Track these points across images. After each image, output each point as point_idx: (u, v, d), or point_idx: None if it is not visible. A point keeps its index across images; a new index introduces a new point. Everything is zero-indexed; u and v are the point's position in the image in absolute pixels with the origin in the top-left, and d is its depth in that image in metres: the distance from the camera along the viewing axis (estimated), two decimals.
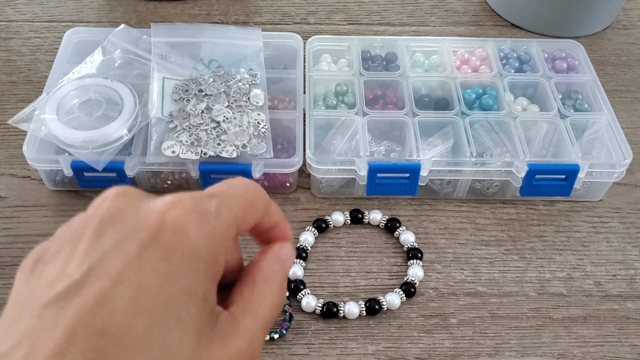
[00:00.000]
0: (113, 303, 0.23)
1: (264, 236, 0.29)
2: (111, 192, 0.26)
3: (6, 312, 0.25)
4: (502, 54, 0.57)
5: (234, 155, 0.46)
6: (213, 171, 0.47)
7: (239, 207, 0.27)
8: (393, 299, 0.44)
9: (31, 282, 0.25)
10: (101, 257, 0.24)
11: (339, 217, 0.48)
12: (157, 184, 0.50)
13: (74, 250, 0.25)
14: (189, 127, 0.47)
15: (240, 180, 0.28)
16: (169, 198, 0.25)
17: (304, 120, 0.50)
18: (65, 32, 0.56)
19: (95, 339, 0.22)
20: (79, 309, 0.23)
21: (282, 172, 0.49)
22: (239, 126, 0.48)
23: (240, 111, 0.49)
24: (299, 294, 0.44)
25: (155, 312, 0.23)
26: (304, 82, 0.53)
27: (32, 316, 0.23)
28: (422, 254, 0.47)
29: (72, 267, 0.24)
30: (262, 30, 0.55)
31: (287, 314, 0.43)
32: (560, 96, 0.53)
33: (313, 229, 0.48)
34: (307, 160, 0.48)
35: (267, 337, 0.42)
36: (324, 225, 0.48)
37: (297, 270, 0.45)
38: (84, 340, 0.22)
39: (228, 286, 0.27)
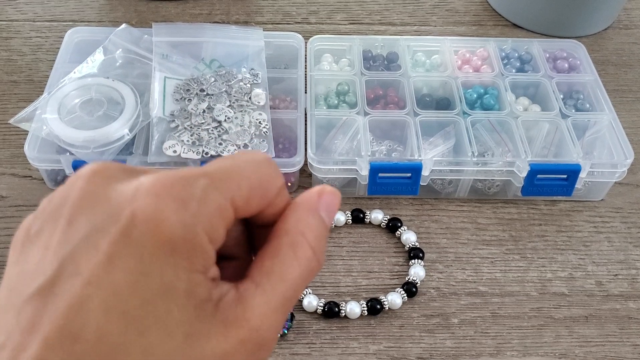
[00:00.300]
0: (85, 306, 0.21)
1: (268, 222, 0.24)
2: (87, 169, 0.23)
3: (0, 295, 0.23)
4: (503, 54, 0.57)
5: None
6: None
7: (240, 188, 0.22)
8: (394, 299, 0.44)
9: (20, 263, 0.23)
10: (72, 251, 0.22)
11: (340, 217, 0.48)
12: None
13: (51, 235, 0.22)
14: (191, 127, 0.47)
15: (251, 155, 0.23)
16: (146, 180, 0.22)
17: (305, 120, 0.50)
18: (66, 32, 0.56)
19: (70, 346, 0.21)
20: (54, 314, 0.21)
21: (283, 172, 0.48)
22: (241, 126, 0.48)
23: (241, 111, 0.49)
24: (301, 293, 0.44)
25: (130, 315, 0.21)
26: (305, 81, 0.53)
27: (14, 313, 0.21)
28: (423, 253, 0.47)
29: (48, 258, 0.22)
30: (264, 30, 0.55)
31: (289, 313, 0.43)
32: (561, 96, 0.53)
33: None
34: (309, 160, 0.48)
35: None
36: None
37: None
38: (60, 347, 0.20)
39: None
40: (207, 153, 0.46)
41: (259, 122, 0.48)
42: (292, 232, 0.22)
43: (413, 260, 0.46)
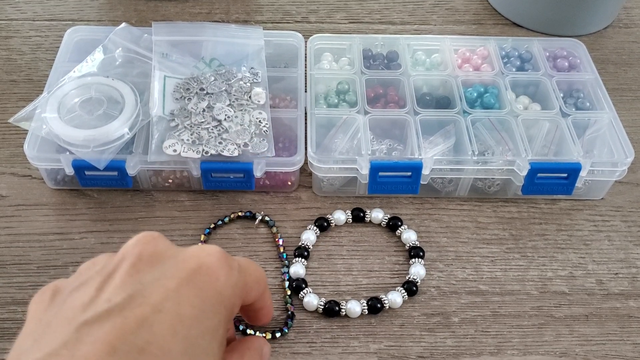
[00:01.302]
0: (153, 327, 0.25)
1: (251, 314, 0.35)
2: (145, 235, 0.29)
3: (27, 334, 0.26)
4: (503, 53, 0.57)
5: (236, 153, 0.46)
6: (214, 170, 0.47)
7: (251, 278, 0.31)
8: (395, 298, 0.44)
9: (54, 309, 0.26)
10: (141, 288, 0.26)
11: (340, 216, 0.48)
12: (158, 182, 0.50)
13: (108, 281, 0.27)
14: (190, 126, 0.47)
15: (251, 261, 0.32)
16: (204, 246, 0.29)
17: (306, 119, 0.50)
18: (66, 31, 0.56)
19: (136, 355, 0.24)
20: (120, 327, 0.24)
21: (283, 171, 0.48)
22: (241, 125, 0.48)
23: (241, 110, 0.49)
24: (301, 292, 0.44)
25: (190, 341, 0.26)
26: (305, 80, 0.53)
27: (68, 332, 0.24)
28: (423, 252, 0.47)
29: (108, 293, 0.26)
30: (263, 29, 0.55)
31: (289, 312, 0.43)
32: (561, 95, 0.53)
33: (315, 227, 0.48)
34: (309, 159, 0.48)
35: (269, 336, 0.42)
36: (325, 224, 0.48)
37: (299, 269, 0.45)
38: (125, 355, 0.24)
39: None
40: (207, 152, 0.46)
41: (259, 121, 0.48)
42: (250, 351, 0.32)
43: (413, 259, 0.46)
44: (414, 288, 0.44)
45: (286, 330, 0.42)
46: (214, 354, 0.27)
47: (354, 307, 0.43)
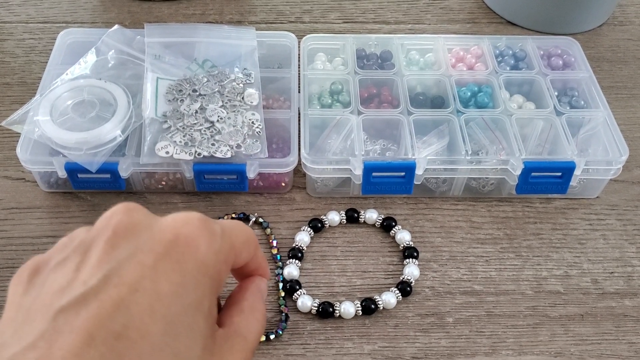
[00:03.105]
0: (130, 309, 0.24)
1: (246, 276, 0.32)
2: (121, 207, 0.27)
3: (7, 321, 0.25)
4: (497, 52, 0.57)
5: (229, 155, 0.46)
6: (207, 171, 0.47)
7: (238, 240, 0.29)
8: (389, 298, 0.44)
9: (33, 292, 0.26)
10: (117, 266, 0.25)
11: (334, 217, 0.48)
12: (151, 184, 0.49)
13: (84, 260, 0.26)
14: (183, 128, 0.47)
15: (238, 222, 0.30)
16: (180, 215, 0.27)
17: (299, 120, 0.50)
18: (59, 33, 0.56)
19: (114, 342, 0.23)
20: (96, 313, 0.23)
21: (277, 172, 0.48)
22: (233, 126, 0.47)
23: (234, 111, 0.48)
24: (295, 294, 0.44)
25: (169, 319, 0.25)
26: (299, 81, 0.53)
27: (45, 320, 0.24)
28: (418, 252, 0.46)
29: (85, 274, 0.25)
30: (257, 29, 0.55)
31: (283, 314, 0.43)
32: (556, 93, 0.53)
33: (309, 228, 0.47)
34: (302, 160, 0.47)
35: (263, 338, 0.42)
36: (319, 225, 0.48)
37: (292, 271, 0.45)
38: (102, 343, 0.23)
39: None
40: (199, 154, 0.46)
41: (252, 122, 0.48)
42: (250, 299, 0.30)
43: (407, 260, 0.46)
44: (408, 288, 0.44)
45: (280, 332, 0.42)
46: (199, 329, 0.26)
47: (348, 308, 0.43)
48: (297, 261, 0.46)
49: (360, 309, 0.43)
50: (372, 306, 0.43)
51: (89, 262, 0.25)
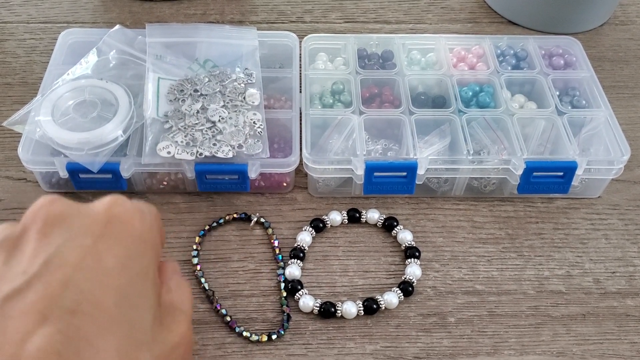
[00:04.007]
0: (79, 285, 0.24)
1: None
2: (43, 200, 0.28)
3: None
4: (498, 51, 0.57)
5: (230, 155, 0.46)
6: (209, 171, 0.47)
7: (158, 217, 0.31)
8: (391, 298, 0.44)
9: None
10: (55, 251, 0.25)
11: (336, 217, 0.48)
12: (153, 184, 0.49)
13: (14, 252, 0.25)
14: (185, 128, 0.47)
15: (147, 205, 0.32)
16: (107, 199, 0.29)
17: (300, 120, 0.50)
18: (60, 33, 0.56)
19: (69, 318, 0.23)
20: (44, 294, 0.23)
21: (278, 172, 0.48)
22: (235, 126, 0.47)
23: (235, 111, 0.48)
24: (297, 294, 0.44)
25: (121, 290, 0.25)
26: (300, 81, 0.53)
27: None
28: (419, 252, 0.46)
29: (21, 266, 0.24)
30: (258, 29, 0.55)
31: (285, 314, 0.43)
32: (557, 93, 0.53)
33: (310, 228, 0.47)
34: (304, 160, 0.47)
35: (265, 338, 0.42)
36: (321, 225, 0.48)
37: (294, 271, 0.45)
38: (57, 319, 0.22)
39: None
40: (201, 154, 0.46)
41: (254, 122, 0.48)
42: (174, 278, 0.31)
43: (409, 260, 0.46)
44: (410, 288, 0.44)
45: (282, 332, 0.42)
46: (149, 296, 0.27)
47: (350, 308, 0.43)
48: (298, 261, 0.46)
49: (362, 309, 0.43)
50: (374, 306, 0.43)
51: (23, 254, 0.25)
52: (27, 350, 0.21)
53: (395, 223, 0.48)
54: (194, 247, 0.46)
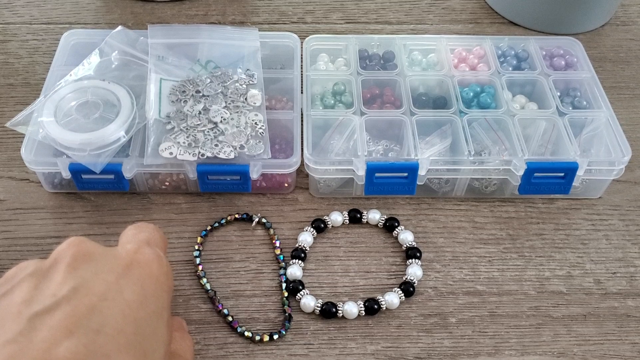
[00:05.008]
0: (103, 312, 0.27)
1: None
2: (73, 240, 0.31)
3: None
4: (499, 52, 0.57)
5: (232, 156, 0.46)
6: (211, 172, 0.47)
7: (164, 249, 0.35)
8: (392, 299, 0.44)
9: None
10: (83, 281, 0.28)
11: (337, 217, 0.48)
12: (155, 185, 0.50)
13: (44, 281, 0.28)
14: (187, 128, 0.47)
15: (150, 226, 0.36)
16: (131, 245, 0.32)
17: (302, 120, 0.50)
18: (62, 34, 0.56)
19: (93, 336, 0.26)
20: (72, 314, 0.25)
21: (280, 173, 0.48)
22: (237, 127, 0.48)
23: (237, 112, 0.49)
24: (298, 294, 0.44)
25: (139, 321, 0.28)
26: (302, 81, 0.53)
27: (21, 323, 0.25)
28: (420, 253, 0.47)
29: (51, 289, 0.27)
30: (260, 30, 0.55)
31: (286, 314, 0.43)
32: (558, 93, 0.53)
33: (311, 229, 0.48)
34: (305, 161, 0.48)
35: (267, 338, 0.42)
36: (322, 225, 0.48)
37: (295, 271, 0.45)
38: (83, 335, 0.25)
39: None
40: (203, 154, 0.46)
41: (255, 123, 0.48)
42: (177, 325, 0.37)
43: (410, 260, 0.46)
44: (411, 289, 0.44)
45: (283, 332, 0.42)
46: (162, 334, 0.30)
47: (351, 308, 0.43)
48: (300, 261, 0.46)
49: (363, 309, 0.43)
50: (375, 306, 0.43)
51: (53, 280, 0.28)
52: (54, 356, 0.24)
53: (396, 223, 0.48)
54: (196, 247, 0.46)
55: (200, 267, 0.45)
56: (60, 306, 0.26)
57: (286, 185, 0.50)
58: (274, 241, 0.47)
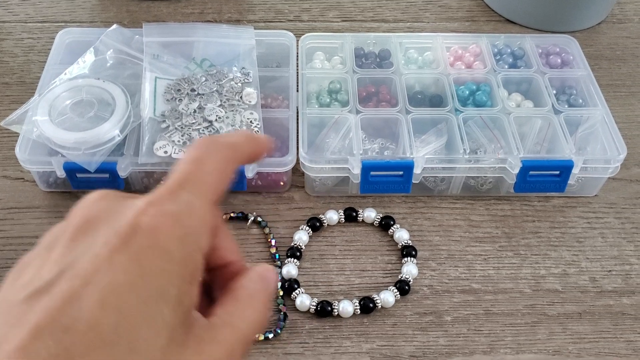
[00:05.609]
0: (80, 301, 0.23)
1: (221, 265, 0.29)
2: (91, 197, 0.26)
3: None
4: (495, 50, 0.57)
5: None
6: None
7: (212, 187, 0.27)
8: (387, 297, 0.44)
9: (12, 285, 0.26)
10: (73, 260, 0.24)
11: (333, 216, 0.48)
12: (150, 184, 0.49)
13: (48, 256, 0.25)
14: (181, 127, 0.47)
15: (210, 142, 0.27)
16: (143, 201, 0.25)
17: (297, 119, 0.50)
18: (57, 33, 0.56)
19: (61, 336, 0.23)
20: (47, 307, 0.23)
21: (275, 171, 0.48)
22: (232, 125, 0.48)
23: (232, 110, 0.49)
24: (293, 293, 0.44)
25: (124, 310, 0.24)
26: (297, 80, 0.53)
27: (6, 313, 0.24)
28: (416, 251, 0.47)
29: (45, 270, 0.25)
30: (256, 28, 0.55)
31: (282, 313, 0.43)
32: (554, 91, 0.53)
33: (307, 227, 0.48)
34: (301, 159, 0.47)
35: (262, 337, 0.42)
36: (318, 224, 0.48)
37: (291, 270, 0.45)
38: (49, 336, 0.23)
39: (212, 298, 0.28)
40: None
41: (250, 122, 0.48)
42: (249, 288, 0.27)
43: (406, 258, 0.46)
44: (407, 287, 0.44)
45: (279, 331, 0.42)
46: (164, 319, 0.24)
47: (347, 307, 0.43)
48: (295, 260, 0.46)
49: (358, 307, 0.43)
50: (371, 305, 0.43)
51: (51, 257, 0.25)
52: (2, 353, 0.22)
53: (391, 222, 0.48)
54: None
55: None
56: (40, 295, 0.24)
57: (282, 183, 0.50)
58: (269, 240, 0.47)
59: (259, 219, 0.48)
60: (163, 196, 0.26)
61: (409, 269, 0.45)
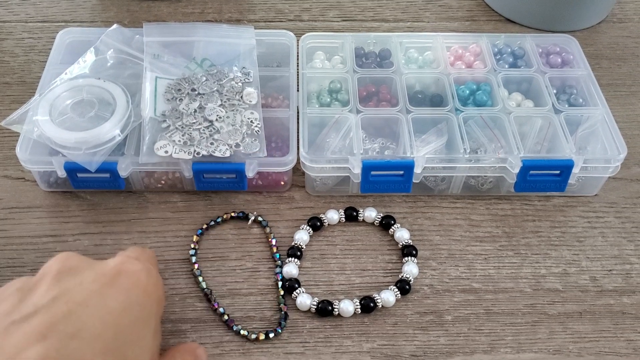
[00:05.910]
0: (81, 318, 0.27)
1: None
2: (60, 255, 0.32)
3: None
4: (496, 49, 0.57)
5: (227, 154, 0.46)
6: (206, 171, 0.47)
7: (155, 265, 0.36)
8: (388, 297, 0.44)
9: None
10: (64, 291, 0.28)
11: (333, 215, 0.48)
12: (150, 183, 0.50)
13: (29, 294, 0.28)
14: (182, 127, 0.47)
15: (140, 248, 0.36)
16: (120, 257, 0.32)
17: (298, 118, 0.50)
18: (58, 33, 0.56)
19: (67, 340, 0.26)
20: (48, 319, 0.26)
21: (276, 171, 0.48)
22: (232, 125, 0.48)
23: (233, 110, 0.49)
24: (294, 292, 0.44)
25: (120, 328, 0.28)
26: (298, 79, 0.53)
27: None
28: (416, 251, 0.47)
29: (33, 300, 0.27)
30: (256, 28, 0.55)
31: (282, 312, 0.43)
32: (554, 91, 0.53)
33: (308, 227, 0.48)
34: (301, 159, 0.47)
35: (263, 336, 0.42)
36: (318, 223, 0.48)
37: (291, 269, 0.45)
38: (56, 340, 0.25)
39: None
40: (198, 153, 0.46)
41: (251, 121, 0.48)
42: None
43: (406, 258, 0.46)
44: (407, 287, 0.44)
45: (279, 331, 0.42)
46: (148, 342, 0.30)
47: (347, 306, 0.43)
48: (296, 260, 0.46)
49: (359, 307, 0.43)
50: (371, 304, 0.43)
51: (36, 293, 0.28)
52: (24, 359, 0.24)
53: (392, 221, 0.48)
54: (192, 245, 0.46)
55: (196, 266, 0.45)
56: (38, 313, 0.26)
57: (282, 183, 0.50)
58: (270, 239, 0.47)
59: (260, 218, 0.48)
60: (129, 258, 0.32)
61: (410, 269, 0.45)
